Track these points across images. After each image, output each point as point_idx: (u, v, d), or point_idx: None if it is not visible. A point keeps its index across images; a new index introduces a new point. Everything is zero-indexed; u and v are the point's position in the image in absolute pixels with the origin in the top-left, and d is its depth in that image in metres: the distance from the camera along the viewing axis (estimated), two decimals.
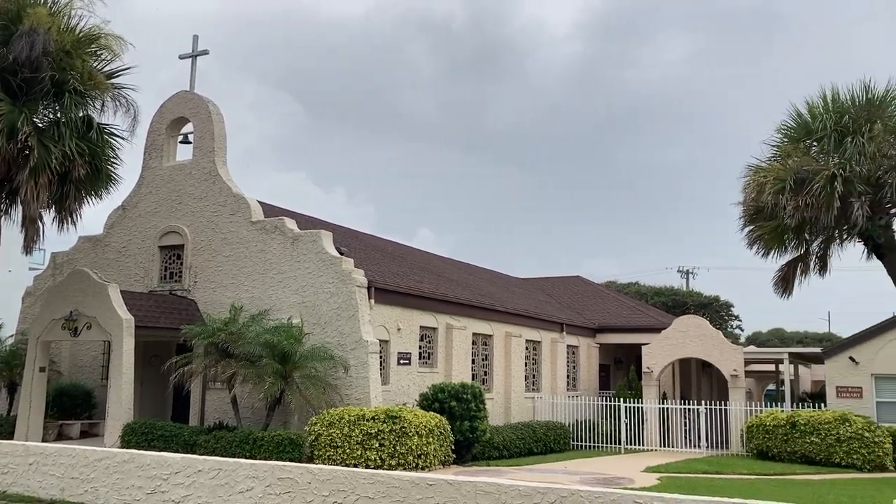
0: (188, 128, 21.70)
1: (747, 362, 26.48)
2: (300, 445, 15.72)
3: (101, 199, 18.21)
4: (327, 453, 15.70)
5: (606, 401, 25.13)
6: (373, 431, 15.67)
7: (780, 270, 14.51)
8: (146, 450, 14.13)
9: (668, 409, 24.46)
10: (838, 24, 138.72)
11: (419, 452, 15.88)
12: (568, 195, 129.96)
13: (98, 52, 17.30)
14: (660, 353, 25.46)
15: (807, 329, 67.06)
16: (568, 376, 29.17)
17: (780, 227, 13.60)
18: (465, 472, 15.87)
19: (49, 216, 17.73)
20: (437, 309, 22.14)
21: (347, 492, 8.92)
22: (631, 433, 23.93)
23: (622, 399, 24.50)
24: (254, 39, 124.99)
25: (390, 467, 15.17)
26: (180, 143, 22.01)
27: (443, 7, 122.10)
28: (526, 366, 26.51)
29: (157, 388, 20.08)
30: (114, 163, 17.88)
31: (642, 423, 24.12)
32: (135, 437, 17.07)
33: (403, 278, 21.97)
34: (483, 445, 19.01)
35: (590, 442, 23.96)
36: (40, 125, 16.67)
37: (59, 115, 16.79)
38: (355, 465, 15.01)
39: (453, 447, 17.39)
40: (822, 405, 22.40)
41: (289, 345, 16.79)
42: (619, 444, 23.61)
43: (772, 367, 33.05)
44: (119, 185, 18.42)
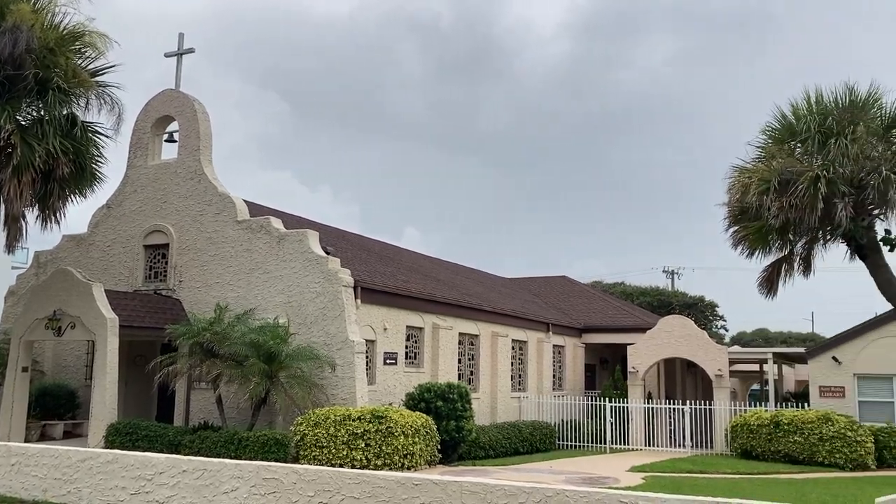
0: (173, 126, 21.60)
1: (732, 362, 26.65)
2: (286, 445, 15.68)
3: (85, 197, 18.10)
4: (313, 453, 15.67)
5: (592, 400, 25.23)
6: (359, 431, 15.65)
7: (764, 271, 14.60)
8: (130, 450, 14.03)
9: (653, 408, 24.58)
10: (826, 25, 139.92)
11: (405, 452, 15.87)
12: (554, 195, 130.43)
13: (82, 50, 17.17)
14: (645, 352, 25.58)
15: (791, 329, 67.60)
16: (554, 376, 29.25)
17: (764, 228, 13.68)
18: (451, 471, 15.88)
19: (32, 215, 17.59)
20: (424, 309, 22.14)
21: (333, 492, 8.91)
22: (616, 433, 24.03)
23: (608, 399, 24.62)
24: (240, 38, 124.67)
25: (376, 467, 15.16)
26: (165, 141, 21.91)
27: (429, 7, 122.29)
28: (512, 365, 26.56)
29: (142, 388, 19.97)
30: (98, 161, 17.77)
31: (628, 423, 24.23)
32: (119, 437, 16.97)
33: (390, 278, 21.95)
34: (469, 445, 19.04)
35: (575, 441, 24.04)
36: (23, 123, 16.53)
37: (42, 112, 16.65)
38: (341, 466, 14.99)
39: (439, 447, 17.40)
40: (806, 405, 22.59)
41: (274, 345, 16.74)
42: (605, 443, 23.71)
43: (756, 367, 33.31)
44: (104, 183, 18.33)
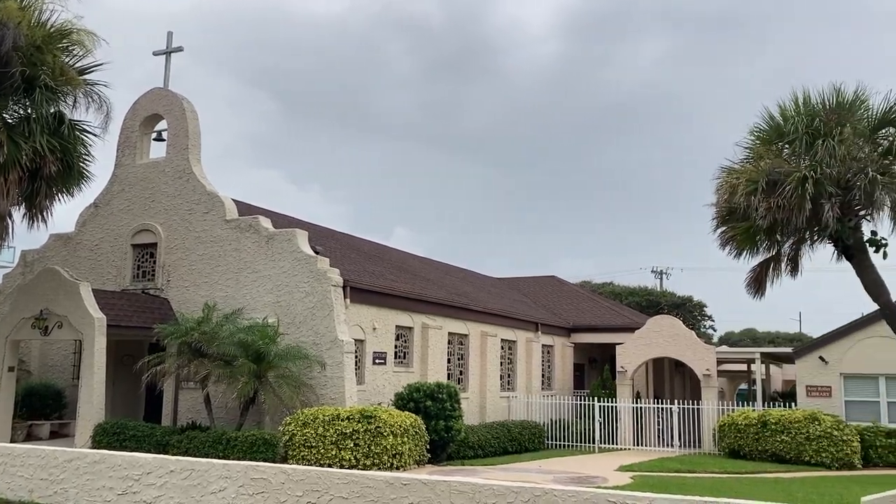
0: (162, 125, 21.51)
1: (720, 362, 26.77)
2: (274, 445, 15.64)
3: (72, 196, 17.95)
4: (301, 453, 15.64)
5: (581, 400, 25.29)
6: (347, 431, 15.63)
7: (752, 271, 14.67)
8: (118, 450, 13.97)
9: (641, 408, 24.66)
10: (814, 26, 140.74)
11: (394, 452, 15.86)
12: (544, 195, 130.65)
13: (70, 48, 17.03)
14: (634, 352, 25.66)
15: (778, 329, 67.98)
16: (543, 376, 29.30)
17: (752, 229, 13.74)
18: (439, 471, 15.88)
19: (19, 213, 17.44)
20: (413, 308, 22.13)
21: (321, 492, 8.89)
22: (605, 432, 24.10)
23: (596, 398, 24.69)
24: (229, 37, 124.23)
25: (365, 467, 15.15)
26: (154, 140, 21.81)
27: (419, 7, 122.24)
28: (501, 365, 26.58)
29: (130, 387, 19.87)
30: (86, 160, 17.63)
31: (616, 423, 24.30)
32: (106, 437, 16.88)
33: (379, 278, 21.93)
34: (458, 445, 19.04)
35: (564, 441, 24.09)
36: (10, 121, 16.39)
37: (29, 110, 16.50)
38: (330, 465, 14.96)
39: (428, 447, 17.40)
40: (793, 404, 22.72)
41: (263, 344, 16.70)
42: (594, 443, 23.78)
43: (744, 367, 33.46)
44: (91, 182, 18.16)
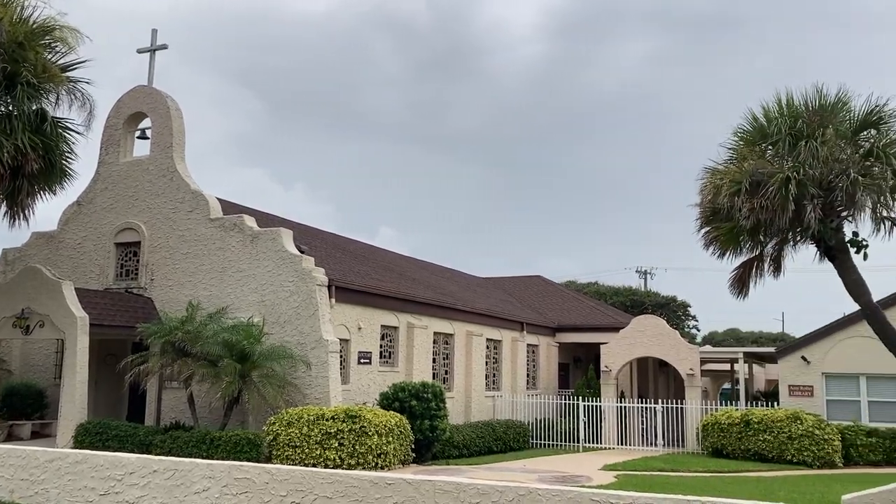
0: (146, 123, 21.38)
1: (703, 361, 26.92)
2: (258, 445, 15.59)
3: (55, 194, 17.85)
4: (286, 453, 15.60)
5: (565, 399, 25.37)
6: (332, 431, 15.60)
7: (735, 271, 14.76)
8: (100, 450, 13.87)
9: (625, 407, 24.77)
10: (798, 29, 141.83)
11: (379, 452, 15.85)
12: (529, 195, 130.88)
13: (53, 45, 16.91)
14: (618, 352, 25.77)
15: (761, 329, 68.43)
16: (528, 375, 29.37)
17: (735, 229, 13.82)
18: (424, 471, 15.88)
19: (0, 211, 17.33)
20: (399, 308, 22.11)
21: (306, 492, 8.87)
22: (589, 431, 24.19)
23: (581, 398, 24.76)
24: (214, 35, 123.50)
25: (349, 467, 15.13)
26: (138, 138, 21.67)
27: (406, 6, 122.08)
28: (486, 365, 26.62)
29: (112, 387, 19.75)
30: (68, 157, 17.52)
31: (600, 422, 24.40)
32: (88, 437, 16.76)
33: (365, 277, 21.89)
34: (443, 444, 19.06)
35: (549, 440, 24.16)
36: None
37: (10, 107, 16.36)
38: (314, 465, 14.93)
39: (413, 446, 17.40)
40: (775, 404, 22.89)
41: (248, 344, 16.64)
42: (578, 442, 23.86)
43: (727, 367, 33.65)
44: (74, 180, 18.07)
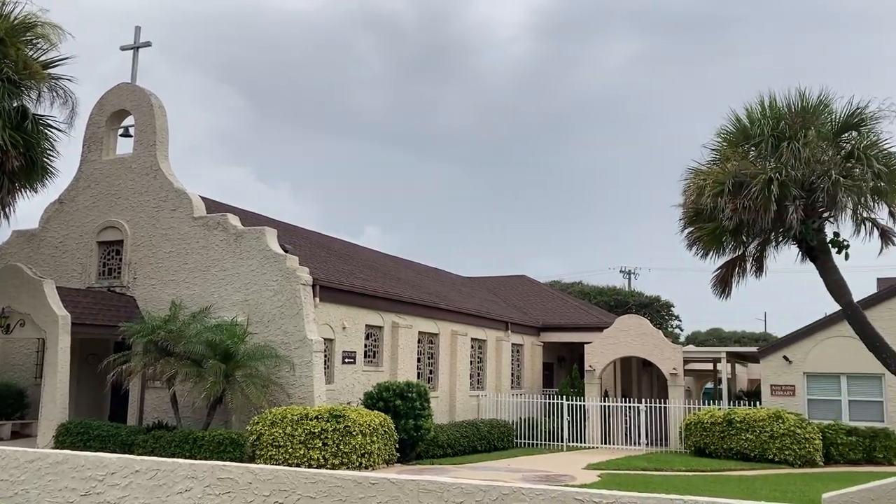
0: (129, 121, 21.23)
1: (686, 361, 27.09)
2: (241, 445, 15.53)
3: (36, 192, 17.72)
4: (269, 453, 15.54)
5: (550, 399, 25.44)
6: (316, 431, 15.56)
7: (718, 271, 14.83)
8: (82, 450, 13.74)
9: (609, 406, 24.87)
10: (783, 29, 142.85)
11: (363, 451, 15.83)
12: (514, 195, 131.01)
13: (34, 41, 16.78)
14: (602, 351, 25.87)
15: (744, 329, 68.80)
16: (512, 374, 29.42)
17: (718, 230, 13.87)
18: (408, 470, 15.89)
19: None
20: (384, 307, 22.08)
21: (289, 492, 8.83)
22: (573, 431, 24.27)
23: (565, 397, 24.85)
24: (199, 33, 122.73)
25: (333, 466, 15.10)
26: (121, 136, 21.52)
27: (391, 4, 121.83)
28: (471, 364, 26.64)
29: (94, 387, 19.59)
30: (50, 155, 17.40)
31: (585, 421, 24.48)
32: (70, 437, 16.64)
33: (349, 276, 21.85)
34: (427, 444, 19.05)
35: (533, 440, 24.22)
36: None
37: None
38: (298, 465, 14.88)
39: (397, 446, 17.40)
40: (758, 403, 23.07)
41: (232, 343, 16.57)
42: (562, 441, 23.94)
43: (710, 366, 33.90)
44: (56, 178, 17.95)
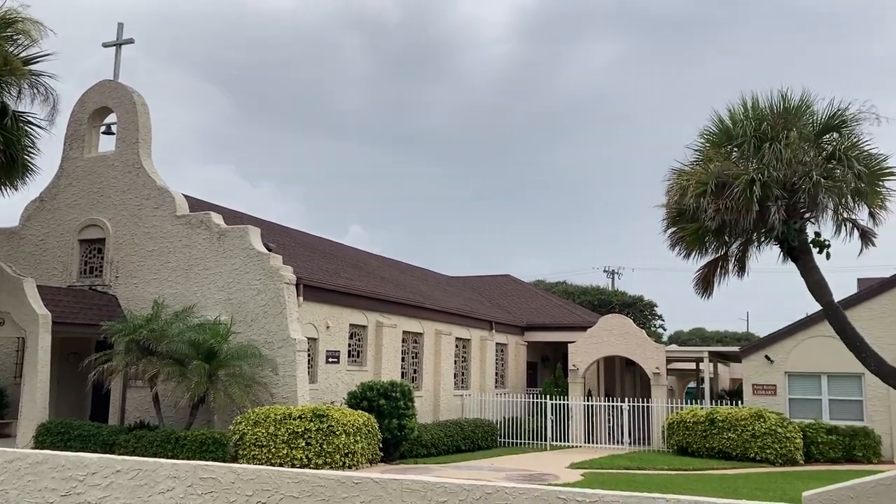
0: (111, 118, 21.07)
1: (669, 360, 27.22)
2: (224, 445, 15.46)
3: (16, 189, 17.55)
4: (252, 452, 15.48)
5: (533, 398, 25.49)
6: (299, 430, 15.52)
7: (700, 271, 14.92)
8: (62, 450, 13.62)
9: (592, 406, 24.97)
10: (766, 30, 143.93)
11: (346, 451, 15.81)
12: (499, 195, 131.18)
13: (15, 37, 16.58)
14: (585, 351, 25.96)
15: (726, 329, 69.23)
16: (496, 374, 29.46)
17: (701, 230, 13.94)
18: (392, 470, 15.88)
19: None
20: (368, 307, 22.05)
21: (272, 491, 8.80)
22: (557, 430, 24.33)
23: (548, 396, 24.91)
24: (182, 31, 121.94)
25: (317, 466, 15.07)
26: (103, 133, 21.35)
27: (375, 3, 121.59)
28: (455, 364, 26.66)
29: (75, 386, 19.42)
30: (31, 152, 17.23)
31: (568, 420, 24.56)
32: (50, 437, 16.49)
33: (333, 276, 21.80)
34: (411, 443, 19.05)
35: (517, 439, 24.27)
36: None
37: None
38: (281, 465, 14.83)
39: (381, 445, 17.38)
40: (740, 402, 23.23)
41: (215, 343, 16.49)
42: (546, 440, 24.00)
43: (693, 366, 34.05)
44: (37, 175, 17.77)
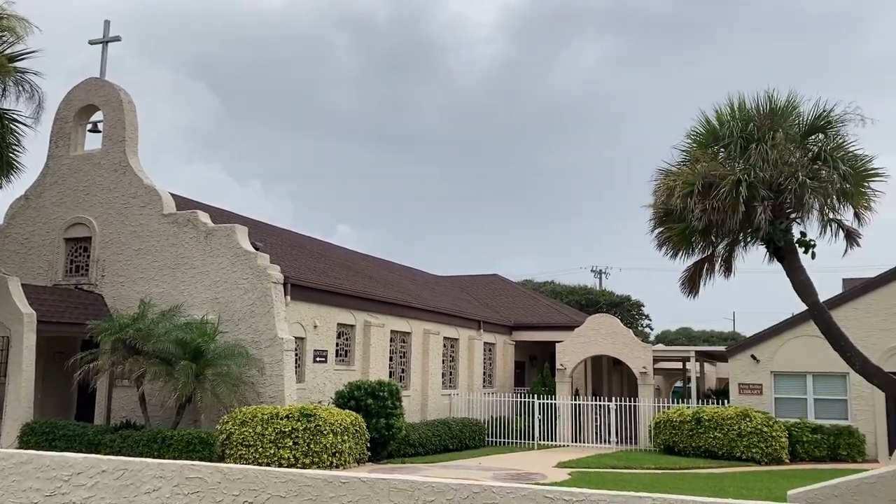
0: (98, 116, 20.94)
1: (656, 360, 27.34)
2: (211, 444, 15.40)
3: (1, 187, 17.44)
4: (239, 452, 15.43)
5: (521, 397, 25.53)
6: (286, 430, 15.48)
7: (686, 271, 14.98)
8: (47, 450, 13.54)
9: (580, 405, 25.03)
10: (754, 31, 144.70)
11: (334, 451, 15.78)
12: (488, 194, 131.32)
13: (0, 34, 16.50)
14: (573, 350, 26.02)
15: (713, 328, 69.59)
16: (484, 373, 29.49)
17: (687, 230, 14.01)
18: (379, 469, 15.87)
19: None
20: (356, 306, 22.02)
21: (259, 491, 8.77)
22: (544, 429, 24.38)
23: (536, 396, 24.96)
24: (169, 29, 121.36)
25: (304, 466, 15.04)
26: (89, 131, 21.21)
27: (364, 3, 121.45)
28: (443, 363, 26.66)
29: (60, 386, 19.30)
30: (16, 150, 17.14)
31: (555, 420, 24.61)
32: (35, 437, 16.38)
33: (321, 275, 21.75)
34: (399, 443, 19.04)
35: (505, 438, 24.30)
36: None
37: None
38: (268, 464, 14.79)
39: (369, 445, 17.36)
40: (726, 401, 23.35)
41: (202, 342, 16.42)
42: (533, 440, 24.04)
43: (679, 365, 34.21)
44: (22, 173, 17.71)
